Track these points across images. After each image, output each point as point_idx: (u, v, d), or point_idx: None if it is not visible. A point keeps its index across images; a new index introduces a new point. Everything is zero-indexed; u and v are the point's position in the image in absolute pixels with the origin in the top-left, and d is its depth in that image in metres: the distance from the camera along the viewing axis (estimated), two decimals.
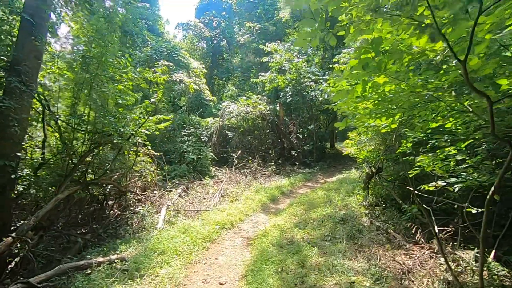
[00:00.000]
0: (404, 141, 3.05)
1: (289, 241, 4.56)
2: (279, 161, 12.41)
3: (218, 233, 5.13)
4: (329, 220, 5.17)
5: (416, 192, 3.09)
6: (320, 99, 12.35)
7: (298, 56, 13.01)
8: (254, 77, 15.28)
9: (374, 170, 5.91)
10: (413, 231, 3.96)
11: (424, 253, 3.29)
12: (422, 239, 3.57)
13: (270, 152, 12.72)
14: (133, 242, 4.43)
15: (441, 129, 3.01)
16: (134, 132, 5.08)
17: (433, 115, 2.53)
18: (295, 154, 12.73)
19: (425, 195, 3.58)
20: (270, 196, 7.84)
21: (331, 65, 12.77)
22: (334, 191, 7.59)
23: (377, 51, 1.95)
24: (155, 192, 7.23)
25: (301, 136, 13.20)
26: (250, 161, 11.54)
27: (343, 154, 7.00)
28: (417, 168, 3.08)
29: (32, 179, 4.32)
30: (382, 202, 5.52)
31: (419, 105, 2.41)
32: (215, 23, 18.42)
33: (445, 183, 2.99)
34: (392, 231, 4.17)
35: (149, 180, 7.08)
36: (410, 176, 3.16)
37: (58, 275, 3.26)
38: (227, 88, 22.22)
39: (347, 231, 4.49)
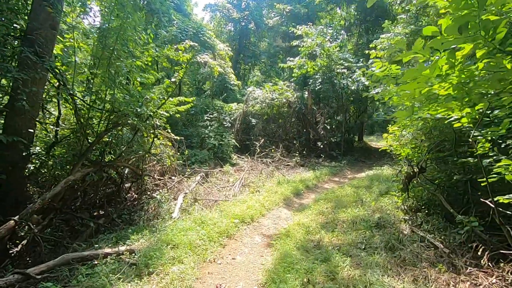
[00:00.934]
0: (483, 139, 2.37)
1: (316, 244, 4.04)
2: (304, 152, 11.77)
3: (237, 228, 4.71)
4: (362, 224, 4.57)
5: (489, 203, 2.41)
6: (352, 87, 11.43)
7: (331, 40, 12.05)
8: (282, 63, 14.50)
9: (416, 170, 5.17)
10: (471, 250, 3.28)
11: (491, 281, 2.63)
12: (489, 263, 2.89)
13: (294, 142, 12.10)
14: (146, 232, 4.11)
15: None
16: (152, 113, 4.70)
17: None
18: (321, 146, 12.02)
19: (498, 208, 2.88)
20: (294, 190, 7.30)
21: (367, 51, 11.74)
22: (365, 189, 6.91)
23: (483, 4, 1.31)
24: (173, 177, 6.94)
25: (328, 127, 12.42)
26: (273, 150, 11.01)
27: (379, 150, 6.27)
28: (495, 176, 2.39)
29: (44, 157, 4.08)
30: (424, 208, 4.81)
31: None
32: (243, 4, 17.64)
33: None
34: (441, 245, 3.50)
35: (167, 164, 6.77)
36: (483, 183, 2.48)
37: (61, 265, 2.97)
38: (253, 74, 21.56)
39: (385, 239, 3.88)
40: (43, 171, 4.12)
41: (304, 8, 16.38)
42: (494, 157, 2.39)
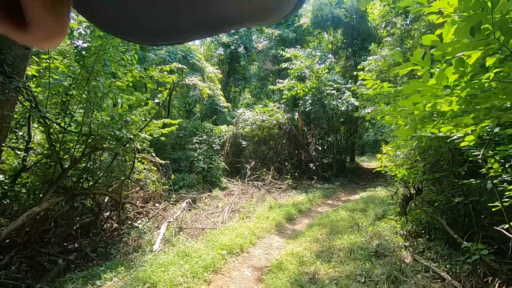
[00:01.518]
0: (492, 160, 2.16)
1: (311, 278, 3.65)
2: (296, 174, 11.48)
3: (224, 260, 4.29)
4: (360, 252, 4.22)
5: (505, 231, 2.15)
6: (342, 108, 11.42)
7: (319, 62, 12.21)
8: (272, 85, 14.58)
9: (413, 192, 4.94)
10: (480, 281, 2.97)
11: None
12: None
13: (286, 164, 11.83)
14: (121, 269, 3.66)
15: None
16: (132, 137, 4.39)
17: None
18: (313, 167, 11.77)
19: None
20: (286, 215, 6.93)
21: (355, 73, 11.89)
22: (360, 213, 6.59)
23: (496, 3, 1.12)
24: (158, 204, 6.51)
25: (320, 148, 12.26)
26: (264, 173, 10.69)
27: (373, 171, 6.05)
28: (507, 200, 2.15)
29: (8, 186, 3.68)
30: (425, 232, 4.52)
31: None
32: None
33: None
34: (448, 277, 3.18)
35: (152, 190, 6.37)
36: (495, 208, 2.23)
37: None
38: (243, 96, 21.65)
39: (386, 270, 3.54)
40: (5, 202, 3.71)
41: (292, 33, 16.79)
42: (505, 178, 2.17)
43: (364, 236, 4.86)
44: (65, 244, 4.59)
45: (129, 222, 5.56)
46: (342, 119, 13.49)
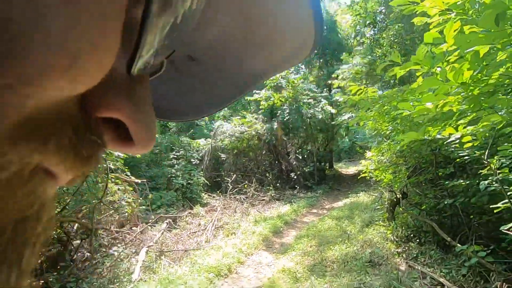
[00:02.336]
0: (494, 160, 2.11)
1: None
2: (278, 184, 11.33)
3: (212, 284, 3.96)
4: (353, 263, 4.08)
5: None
6: (320, 116, 11.56)
7: (295, 72, 12.37)
8: (248, 96, 14.54)
9: (399, 196, 4.93)
10: (479, 284, 2.91)
11: None
12: None
13: (267, 175, 11.66)
14: None
15: None
16: (104, 155, 4.00)
17: None
18: (295, 177, 11.70)
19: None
20: (272, 228, 6.69)
21: (329, 81, 12.16)
22: (347, 220, 6.51)
23: None
24: (135, 227, 6.02)
25: (300, 157, 12.26)
26: (246, 185, 10.43)
27: (359, 177, 6.02)
28: (507, 201, 2.09)
29: None
30: (415, 237, 4.48)
31: None
32: None
33: None
34: (448, 283, 3.10)
35: (128, 212, 5.88)
36: (497, 210, 2.17)
37: None
38: None
39: (384, 281, 3.40)
40: None
41: None
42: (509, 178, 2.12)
43: (355, 245, 4.74)
44: (31, 279, 4.01)
45: (103, 250, 5.04)
46: (319, 127, 13.68)
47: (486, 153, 1.84)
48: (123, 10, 0.14)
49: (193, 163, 10.78)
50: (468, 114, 1.55)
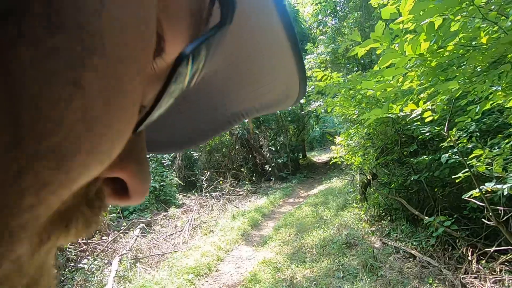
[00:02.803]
0: (452, 132, 2.19)
1: (289, 284, 3.44)
2: (253, 178, 11.33)
3: (193, 285, 3.84)
4: (331, 246, 4.16)
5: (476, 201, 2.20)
6: (290, 108, 11.67)
7: None
8: None
9: (369, 177, 5.11)
10: (447, 251, 3.08)
11: None
12: (478, 266, 2.68)
13: (242, 169, 11.62)
14: None
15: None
16: None
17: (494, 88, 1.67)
18: (270, 169, 11.77)
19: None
20: (251, 221, 6.66)
21: None
22: (323, 206, 6.66)
23: None
24: (106, 237, 5.68)
25: (273, 149, 12.32)
26: (221, 182, 10.31)
27: (330, 162, 6.16)
28: (467, 170, 2.20)
29: None
30: (386, 214, 4.67)
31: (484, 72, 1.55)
32: None
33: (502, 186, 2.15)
34: (418, 254, 3.26)
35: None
36: (459, 179, 2.27)
37: None
38: None
39: (360, 260, 3.50)
40: None
41: None
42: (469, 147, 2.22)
43: (331, 229, 4.84)
44: None
45: (72, 265, 4.70)
46: (289, 118, 13.84)
47: (446, 126, 1.92)
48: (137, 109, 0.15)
49: (165, 164, 10.42)
50: (427, 88, 1.58)
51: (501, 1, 1.20)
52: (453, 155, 2.74)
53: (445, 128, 1.88)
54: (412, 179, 3.82)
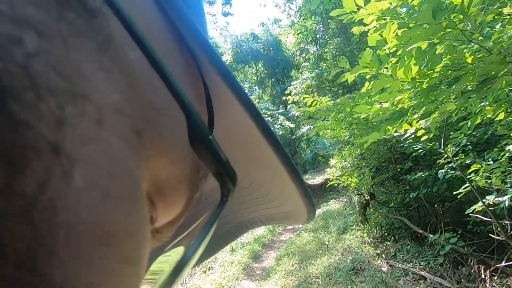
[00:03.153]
0: (448, 148, 2.21)
1: None
2: None
3: None
4: (337, 273, 4.00)
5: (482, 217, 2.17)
6: (280, 133, 11.80)
7: (250, 93, 12.62)
8: None
9: (367, 197, 5.07)
10: (457, 270, 2.99)
11: None
12: (492, 283, 2.59)
13: None
14: None
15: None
16: None
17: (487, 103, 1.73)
18: None
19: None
20: (251, 253, 6.41)
21: (284, 98, 12.59)
22: (323, 231, 6.50)
23: None
24: None
25: None
26: None
27: (327, 186, 6.11)
28: (468, 186, 2.19)
29: None
30: (389, 235, 4.58)
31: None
32: None
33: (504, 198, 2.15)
34: (429, 275, 3.15)
35: None
36: (460, 195, 2.26)
37: None
38: None
39: (369, 286, 3.36)
40: None
41: None
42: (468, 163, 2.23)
43: (335, 255, 4.69)
44: None
45: None
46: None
47: (442, 142, 1.94)
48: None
49: None
50: (419, 108, 1.61)
51: (480, 22, 1.27)
52: (449, 170, 2.75)
53: (441, 145, 1.90)
54: (411, 196, 3.79)
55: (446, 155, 2.11)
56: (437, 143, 3.16)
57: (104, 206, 0.10)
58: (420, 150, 3.21)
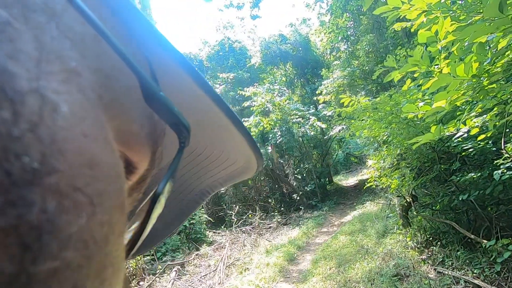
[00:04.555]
0: (509, 147, 2.05)
1: None
2: (282, 208, 11.07)
3: None
4: (380, 279, 3.85)
5: None
6: (311, 133, 11.62)
7: (279, 95, 12.59)
8: None
9: (409, 200, 4.82)
10: None
11: None
12: None
13: (269, 200, 11.41)
14: None
15: None
16: None
17: None
18: (298, 198, 11.48)
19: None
20: (286, 255, 6.38)
21: (315, 98, 12.40)
22: (361, 234, 6.29)
23: None
24: (142, 282, 5.63)
25: (299, 177, 12.10)
26: (250, 215, 10.12)
27: (364, 187, 5.90)
28: None
29: None
30: (435, 239, 4.31)
31: None
32: None
33: None
34: (484, 284, 2.92)
35: (132, 266, 5.53)
36: None
37: None
38: None
39: None
40: None
41: (246, 73, 17.43)
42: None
43: (376, 260, 4.51)
44: None
45: None
46: (312, 144, 13.72)
47: (502, 141, 1.79)
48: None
49: None
50: (475, 106, 1.51)
51: None
52: (506, 171, 2.54)
53: (502, 144, 1.76)
54: (460, 198, 3.54)
55: (506, 155, 1.94)
56: (490, 142, 2.94)
57: (85, 140, 0.12)
58: (471, 150, 3.00)
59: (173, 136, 0.20)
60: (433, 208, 4.40)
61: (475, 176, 3.07)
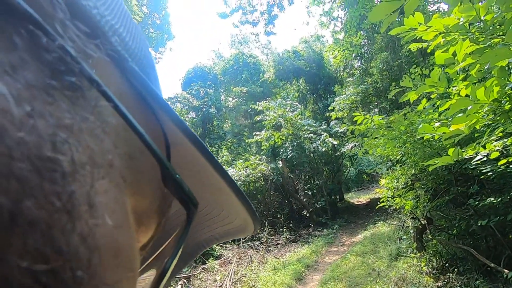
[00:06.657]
0: None
1: None
2: (291, 225, 10.85)
3: None
4: None
5: None
6: (323, 149, 11.51)
7: (291, 110, 12.63)
8: (248, 139, 14.69)
9: (423, 222, 4.65)
10: None
11: None
12: None
13: (278, 216, 11.24)
14: None
15: None
16: None
17: None
18: (307, 214, 11.26)
19: None
20: (294, 274, 6.21)
21: (327, 114, 12.37)
22: (372, 255, 6.07)
23: None
24: None
25: (310, 193, 11.92)
26: (258, 230, 9.96)
27: (376, 206, 5.74)
28: None
29: None
30: (451, 265, 4.11)
31: None
32: (202, 92, 18.66)
33: None
34: None
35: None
36: None
37: None
38: (221, 154, 21.51)
39: None
40: None
41: (259, 87, 17.64)
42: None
43: (388, 284, 4.32)
44: None
45: None
46: (323, 160, 13.57)
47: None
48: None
49: None
50: (495, 129, 1.46)
51: None
52: None
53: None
54: (479, 224, 3.38)
55: None
56: (511, 166, 2.83)
57: (116, 232, 0.14)
58: (490, 173, 2.89)
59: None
60: (450, 232, 4.22)
61: (495, 201, 2.94)
